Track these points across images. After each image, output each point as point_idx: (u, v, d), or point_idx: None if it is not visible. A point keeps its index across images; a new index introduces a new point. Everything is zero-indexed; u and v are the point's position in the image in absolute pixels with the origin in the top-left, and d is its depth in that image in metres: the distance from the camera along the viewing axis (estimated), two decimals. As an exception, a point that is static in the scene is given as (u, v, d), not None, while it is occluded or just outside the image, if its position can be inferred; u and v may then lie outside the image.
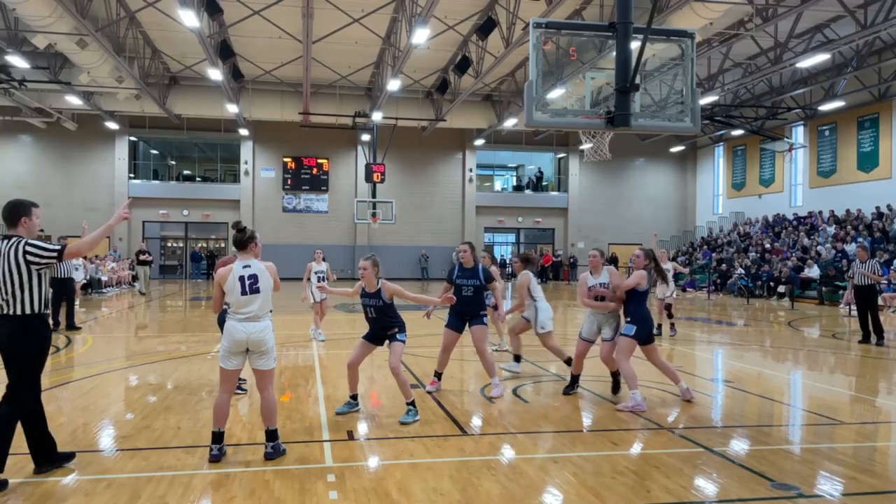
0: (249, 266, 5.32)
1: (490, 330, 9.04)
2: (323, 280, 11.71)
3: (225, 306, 5.46)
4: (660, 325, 12.77)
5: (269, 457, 5.33)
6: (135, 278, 28.89)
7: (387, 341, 6.72)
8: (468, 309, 7.65)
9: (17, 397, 4.76)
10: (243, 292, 5.25)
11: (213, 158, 36.71)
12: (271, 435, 5.39)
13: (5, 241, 4.81)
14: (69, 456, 5.18)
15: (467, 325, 7.75)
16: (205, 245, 36.90)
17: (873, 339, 12.50)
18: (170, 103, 29.13)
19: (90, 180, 32.84)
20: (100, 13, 19.42)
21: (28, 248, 4.75)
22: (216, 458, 5.25)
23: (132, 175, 34.21)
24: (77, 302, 15.74)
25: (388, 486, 4.78)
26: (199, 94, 29.31)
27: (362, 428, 6.35)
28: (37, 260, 4.76)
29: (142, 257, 23.77)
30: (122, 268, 27.83)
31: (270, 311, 5.46)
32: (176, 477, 4.92)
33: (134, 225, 33.94)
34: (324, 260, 12.08)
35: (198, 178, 36.44)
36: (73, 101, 26.52)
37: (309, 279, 11.79)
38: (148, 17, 21.80)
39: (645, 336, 7.29)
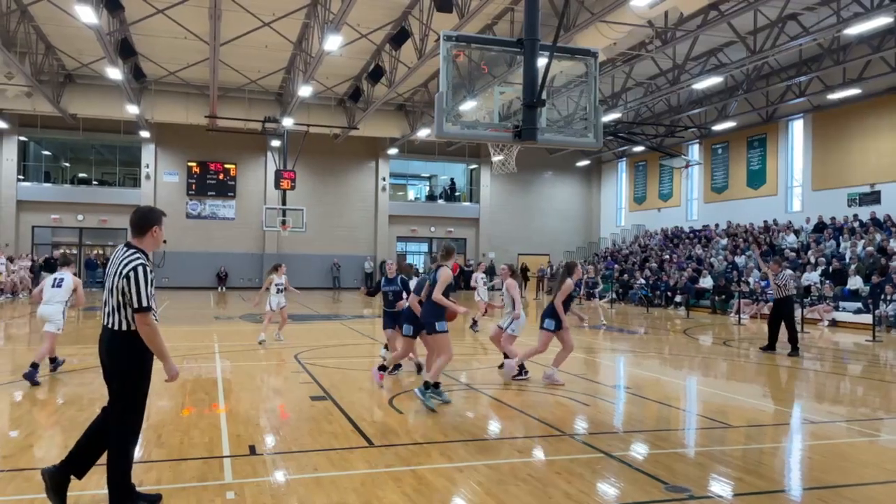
0: (63, 278, 8.95)
1: None
2: (282, 291, 12.83)
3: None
4: None
5: (28, 376, 8.33)
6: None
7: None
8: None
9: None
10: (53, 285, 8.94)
11: (112, 161, 34.96)
12: (35, 365, 8.46)
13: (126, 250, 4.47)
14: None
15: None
16: (101, 252, 35.01)
17: (778, 349, 12.40)
18: (64, 102, 27.58)
19: (-26, 182, 30.56)
20: (-13, 5, 18.23)
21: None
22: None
23: (21, 177, 32.15)
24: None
25: (291, 502, 4.67)
26: (97, 93, 27.88)
27: (266, 442, 6.19)
28: None
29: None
30: (17, 270, 25.88)
31: (67, 302, 8.85)
32: (61, 499, 4.62)
33: (22, 230, 31.85)
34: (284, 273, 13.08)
35: (94, 182, 34.55)
36: (-44, 96, 24.73)
37: (268, 289, 12.83)
38: (42, 12, 20.59)
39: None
